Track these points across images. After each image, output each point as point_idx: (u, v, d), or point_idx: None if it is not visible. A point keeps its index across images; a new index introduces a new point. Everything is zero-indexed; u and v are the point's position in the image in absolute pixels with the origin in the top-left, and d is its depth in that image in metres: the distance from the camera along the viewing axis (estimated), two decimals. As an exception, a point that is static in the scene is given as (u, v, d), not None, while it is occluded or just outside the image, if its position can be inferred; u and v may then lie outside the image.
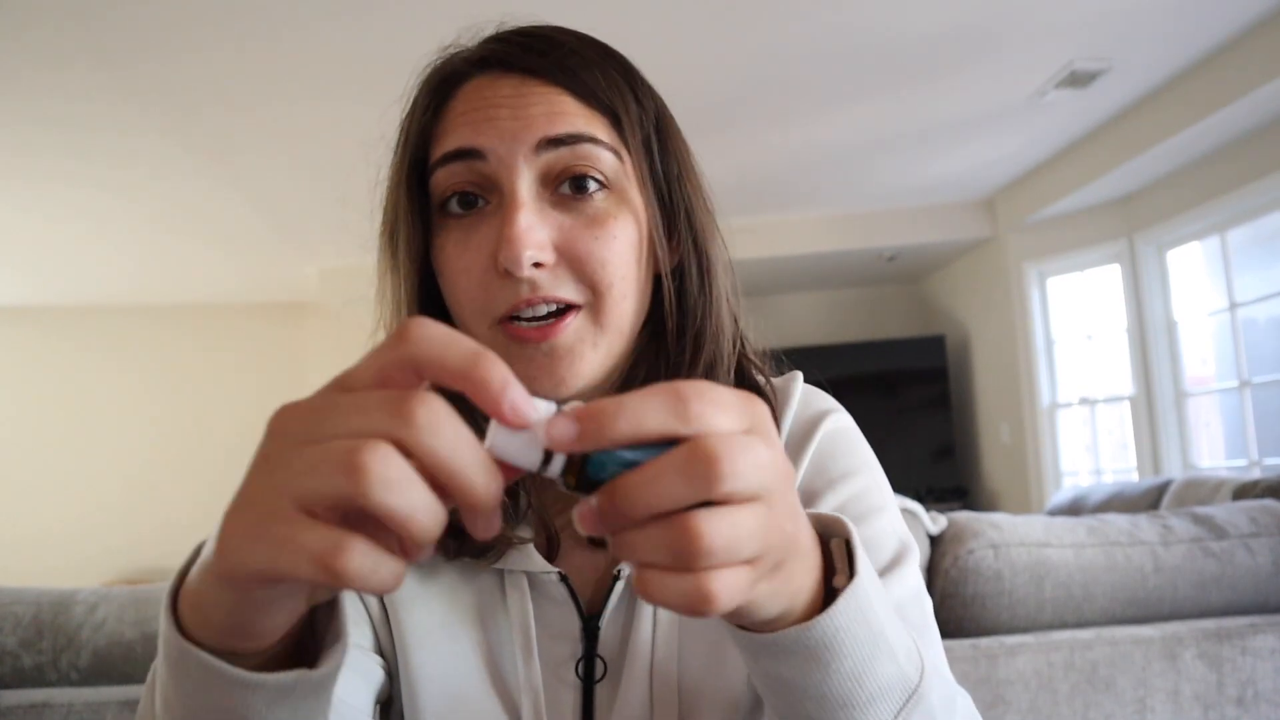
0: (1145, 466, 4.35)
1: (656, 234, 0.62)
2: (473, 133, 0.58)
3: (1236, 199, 3.73)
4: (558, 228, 0.58)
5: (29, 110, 3.18)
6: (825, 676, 0.42)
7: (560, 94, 0.60)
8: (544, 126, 0.58)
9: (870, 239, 5.17)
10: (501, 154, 0.58)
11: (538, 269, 0.56)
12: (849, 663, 0.41)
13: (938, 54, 3.17)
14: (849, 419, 0.69)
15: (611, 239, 0.59)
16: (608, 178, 0.60)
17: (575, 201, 0.59)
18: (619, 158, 0.60)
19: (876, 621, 0.42)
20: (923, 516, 1.45)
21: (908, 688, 0.44)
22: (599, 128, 0.60)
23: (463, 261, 0.58)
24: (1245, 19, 3.05)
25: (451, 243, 0.59)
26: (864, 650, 0.42)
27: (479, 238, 0.58)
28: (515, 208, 0.56)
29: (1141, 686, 1.36)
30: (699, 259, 0.64)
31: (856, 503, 0.64)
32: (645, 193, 0.62)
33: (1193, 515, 1.51)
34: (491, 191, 0.59)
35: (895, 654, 0.43)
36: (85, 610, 1.31)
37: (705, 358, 0.63)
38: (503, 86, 0.60)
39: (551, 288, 0.57)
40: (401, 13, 2.66)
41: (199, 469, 5.89)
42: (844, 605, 0.41)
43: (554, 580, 0.61)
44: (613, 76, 0.62)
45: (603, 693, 0.60)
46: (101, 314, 6.07)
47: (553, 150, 0.58)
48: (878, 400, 5.58)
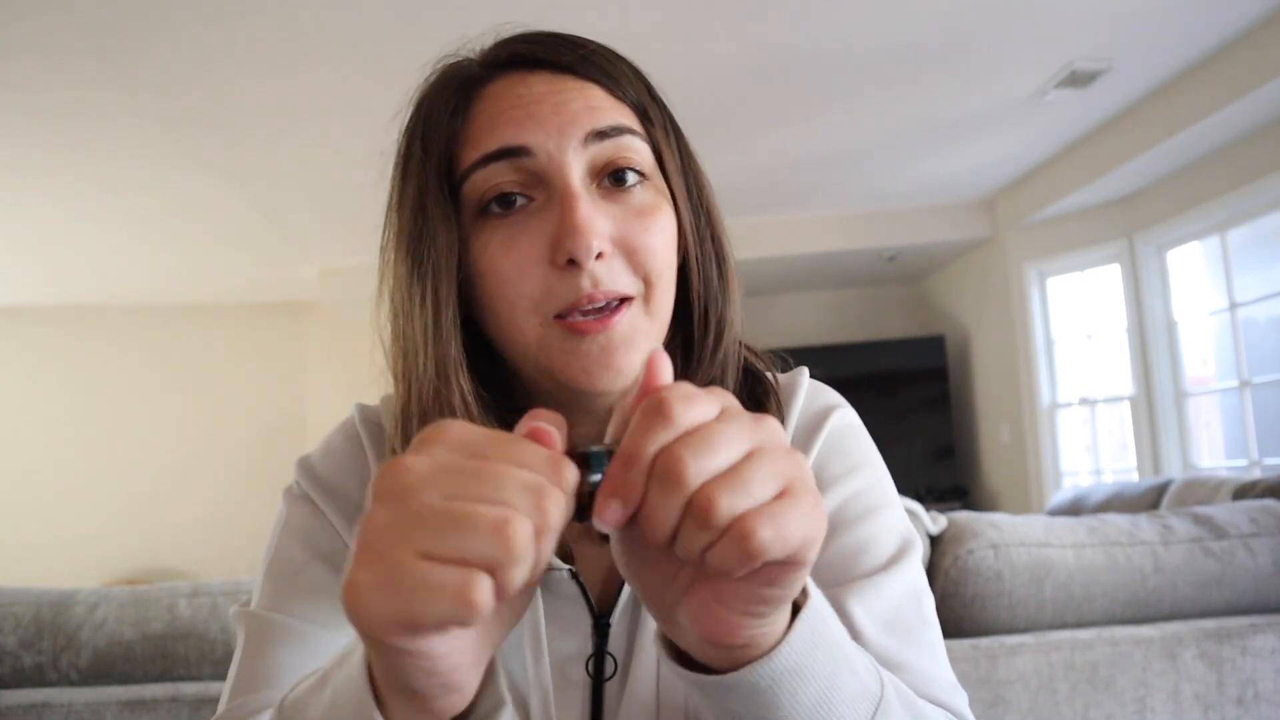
0: (1145, 466, 4.35)
1: (687, 227, 0.63)
2: (515, 130, 0.57)
3: (1236, 199, 3.72)
4: (610, 218, 0.58)
5: (26, 103, 3.18)
6: (793, 703, 0.42)
7: (593, 88, 0.60)
8: (587, 120, 0.58)
9: (870, 239, 5.17)
10: (550, 149, 0.57)
11: (597, 260, 0.56)
12: (814, 686, 0.42)
13: (938, 54, 3.17)
14: (854, 415, 0.70)
15: (659, 230, 0.59)
16: (646, 170, 0.60)
17: (618, 194, 0.59)
18: (653, 150, 0.61)
19: (833, 637, 0.43)
20: (923, 516, 1.45)
21: (872, 699, 0.45)
22: (632, 120, 0.61)
23: (513, 259, 0.57)
24: (1245, 19, 3.05)
25: (495, 243, 0.58)
26: (824, 670, 0.42)
27: (530, 233, 0.57)
28: (574, 198, 0.56)
29: (1141, 686, 1.36)
30: (718, 252, 0.64)
31: (860, 500, 0.64)
32: (675, 185, 0.63)
33: (1193, 515, 1.51)
34: (536, 188, 0.58)
35: (855, 667, 0.44)
36: (85, 610, 1.31)
37: (723, 349, 0.63)
38: (535, 83, 0.59)
39: (610, 281, 0.57)
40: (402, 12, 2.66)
41: (200, 469, 5.90)
42: (801, 628, 0.42)
43: (565, 578, 0.61)
44: (633, 73, 0.63)
45: (611, 691, 0.61)
46: (101, 313, 6.06)
47: (598, 143, 0.58)
48: (878, 400, 5.58)
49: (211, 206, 4.31)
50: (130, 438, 5.96)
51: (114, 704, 1.24)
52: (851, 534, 0.62)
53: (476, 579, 0.33)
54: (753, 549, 0.35)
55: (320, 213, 4.42)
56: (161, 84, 3.08)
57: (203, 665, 1.30)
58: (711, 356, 0.63)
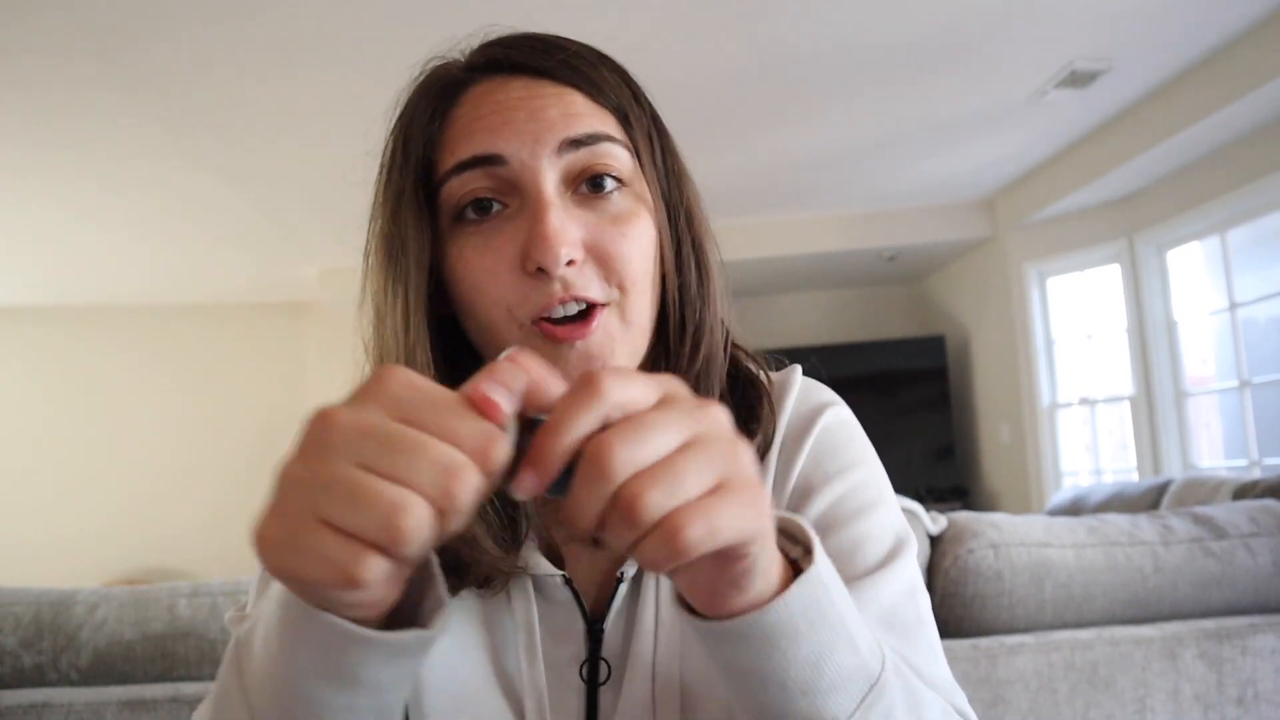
0: (1145, 466, 4.35)
1: (664, 232, 0.62)
2: (490, 138, 0.58)
3: (1236, 199, 3.73)
4: (584, 226, 0.58)
5: (26, 103, 3.18)
6: (784, 662, 0.42)
7: (572, 93, 0.60)
8: (563, 128, 0.58)
9: (870, 239, 5.17)
10: (524, 158, 0.57)
11: (568, 267, 0.56)
12: (806, 649, 0.42)
13: (938, 54, 3.17)
14: (848, 411, 0.69)
15: (635, 236, 0.59)
16: (624, 176, 0.60)
17: (595, 200, 0.59)
18: (632, 156, 0.61)
19: (834, 610, 0.43)
20: (923, 516, 1.45)
21: (869, 678, 0.44)
22: (611, 126, 0.60)
23: (486, 264, 0.58)
24: (1245, 19, 3.05)
25: (470, 248, 0.58)
26: (821, 636, 0.42)
27: (501, 240, 0.57)
28: (545, 207, 0.56)
29: (1141, 686, 1.36)
30: (697, 257, 0.64)
31: (853, 497, 0.63)
32: (654, 191, 0.62)
33: (1193, 515, 1.51)
34: (510, 195, 0.58)
35: (856, 644, 0.44)
36: (85, 610, 1.31)
37: (703, 354, 0.63)
38: (513, 88, 0.59)
39: (581, 287, 0.57)
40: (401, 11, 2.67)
41: (200, 469, 5.89)
42: (798, 590, 0.41)
43: (558, 583, 0.61)
44: (614, 77, 0.62)
45: (606, 695, 0.61)
46: (102, 313, 6.07)
47: (573, 151, 0.58)
48: (878, 400, 5.58)
49: (211, 206, 4.31)
50: (130, 438, 5.96)
51: (114, 704, 1.24)
52: (845, 532, 0.61)
53: (364, 558, 0.34)
54: (680, 546, 0.35)
55: (320, 213, 4.42)
56: (162, 84, 3.08)
57: (203, 665, 1.30)
58: (690, 362, 0.63)
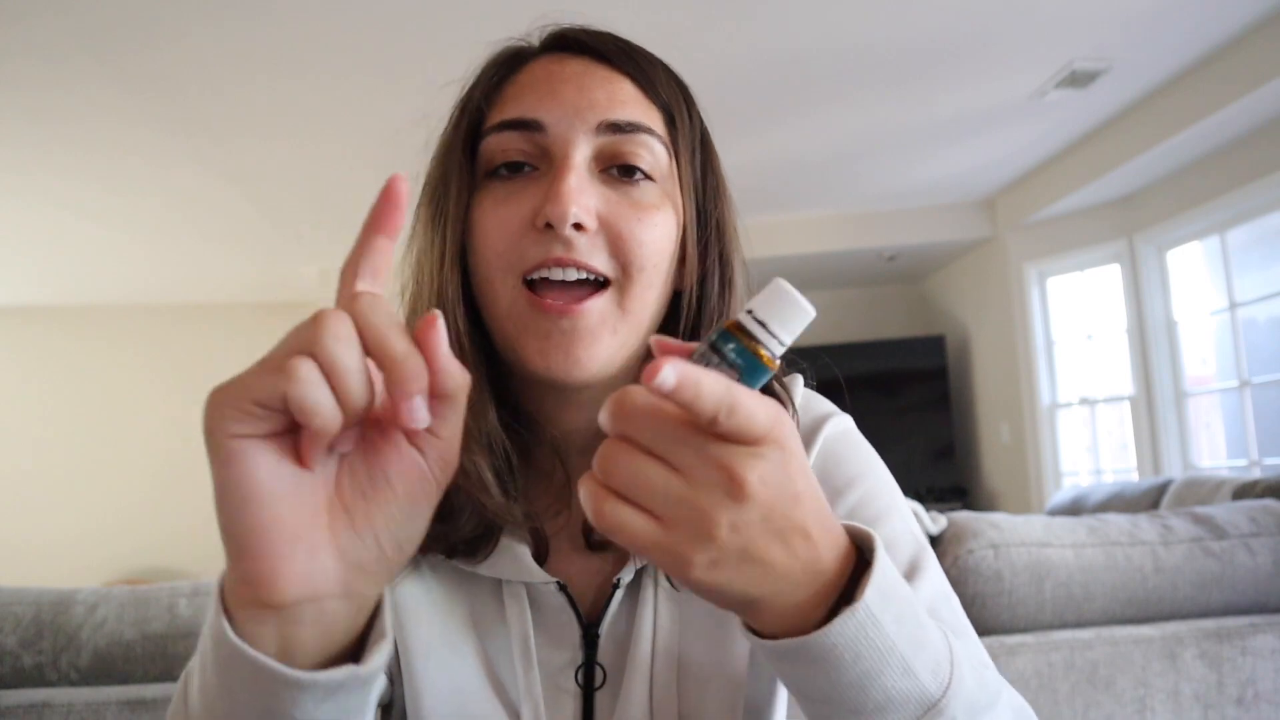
0: (1145, 466, 4.35)
1: (690, 236, 0.63)
2: (535, 104, 0.59)
3: (1236, 199, 3.72)
4: (603, 199, 0.58)
5: (26, 104, 3.17)
6: (828, 683, 0.42)
7: (624, 81, 0.61)
8: (606, 109, 0.59)
9: (870, 239, 5.16)
10: (562, 129, 0.58)
11: (578, 231, 0.56)
12: (850, 674, 0.42)
13: (938, 54, 3.17)
14: (849, 421, 0.69)
15: (653, 225, 0.59)
16: (657, 172, 0.61)
17: (622, 184, 0.60)
18: (670, 156, 0.62)
19: (883, 638, 0.42)
20: (923, 516, 1.45)
21: (925, 701, 0.43)
22: (655, 122, 0.61)
23: (499, 216, 0.59)
24: (1245, 19, 3.05)
25: (491, 200, 0.59)
26: (866, 665, 0.42)
27: (521, 196, 0.59)
28: (567, 169, 0.57)
29: (1141, 686, 1.36)
30: (723, 270, 0.65)
31: (866, 507, 0.63)
32: (686, 197, 0.63)
33: (1193, 515, 1.51)
34: (542, 161, 0.59)
35: (910, 668, 0.43)
36: (85, 610, 1.31)
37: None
38: (570, 65, 0.61)
39: (586, 254, 0.57)
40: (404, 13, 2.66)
41: (200, 468, 5.85)
42: (839, 626, 0.41)
43: (552, 590, 0.61)
44: (670, 81, 0.65)
45: (603, 700, 0.60)
46: (102, 313, 6.06)
47: (611, 135, 0.59)
48: (878, 400, 5.58)
49: (211, 206, 4.31)
50: (130, 438, 5.95)
51: (114, 704, 1.24)
52: None
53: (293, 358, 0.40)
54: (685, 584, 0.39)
55: (320, 213, 4.42)
56: (162, 84, 3.08)
57: (203, 665, 1.30)
58: None
